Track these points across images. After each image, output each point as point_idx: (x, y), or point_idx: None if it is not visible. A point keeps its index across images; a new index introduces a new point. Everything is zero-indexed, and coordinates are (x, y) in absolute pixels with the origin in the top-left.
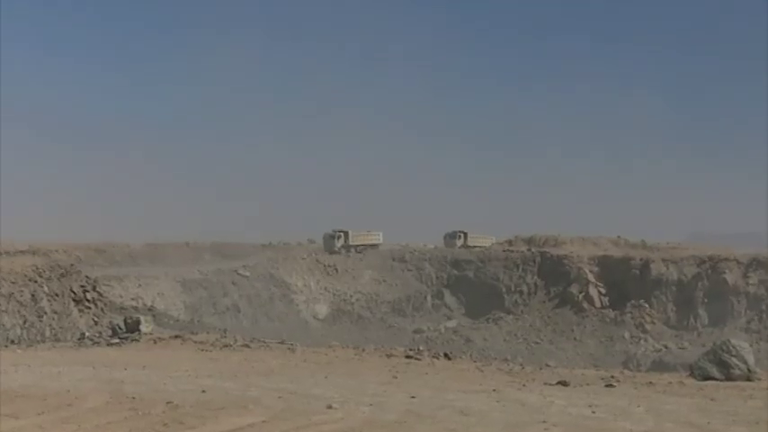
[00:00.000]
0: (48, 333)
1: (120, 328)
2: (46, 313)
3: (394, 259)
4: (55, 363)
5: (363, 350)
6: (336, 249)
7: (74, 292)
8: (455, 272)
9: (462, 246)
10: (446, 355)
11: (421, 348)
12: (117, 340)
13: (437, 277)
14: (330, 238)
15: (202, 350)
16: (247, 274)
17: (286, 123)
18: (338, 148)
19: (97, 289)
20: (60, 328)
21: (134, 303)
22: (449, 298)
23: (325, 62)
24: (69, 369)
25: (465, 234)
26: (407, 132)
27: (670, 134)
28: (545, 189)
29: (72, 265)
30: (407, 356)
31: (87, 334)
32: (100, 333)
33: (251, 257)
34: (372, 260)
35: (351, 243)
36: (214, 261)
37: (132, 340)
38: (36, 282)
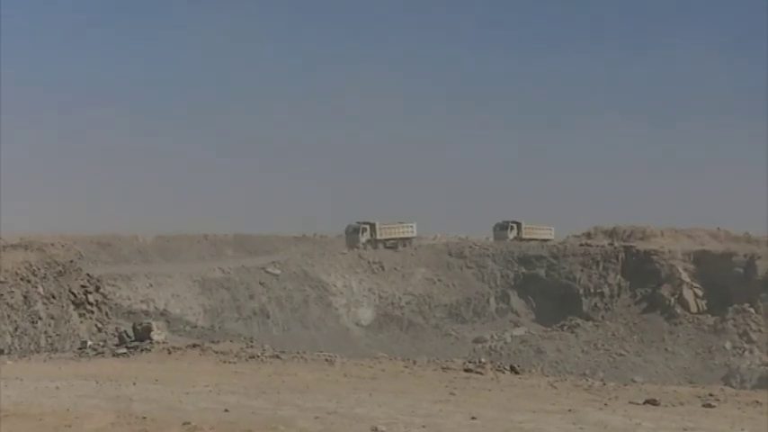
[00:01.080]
0: (43, 342)
1: (127, 336)
2: (41, 318)
3: (451, 255)
4: (52, 376)
5: (415, 362)
6: (361, 245)
7: (73, 294)
8: (523, 270)
9: (516, 238)
10: (513, 368)
11: (483, 360)
12: (124, 350)
13: (502, 276)
14: (353, 232)
15: (225, 362)
16: (277, 272)
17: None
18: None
19: (101, 290)
20: (58, 335)
21: (144, 307)
22: (516, 301)
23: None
24: (69, 384)
25: (518, 225)
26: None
27: None
28: (626, 172)
29: (71, 261)
30: (467, 370)
31: (89, 343)
32: (104, 341)
33: (281, 252)
34: (425, 256)
35: (378, 237)
36: (238, 257)
37: (142, 350)
38: (29, 281)
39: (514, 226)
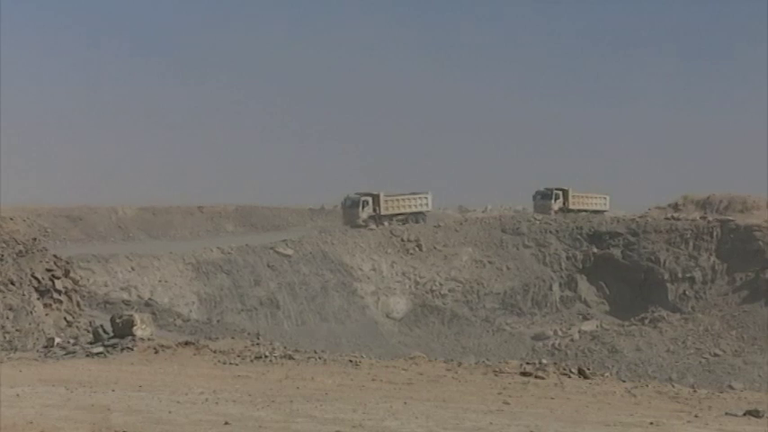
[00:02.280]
0: (0, 338)
1: (104, 332)
2: None
3: (505, 231)
4: (11, 381)
5: (460, 364)
6: (361, 222)
7: (37, 279)
8: (594, 249)
9: (561, 209)
10: (581, 371)
11: (544, 362)
12: (100, 349)
13: (568, 257)
14: (352, 206)
15: (225, 363)
16: (289, 252)
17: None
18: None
19: (71, 274)
20: (18, 331)
21: (125, 295)
22: (585, 288)
23: None
24: (32, 390)
25: (564, 192)
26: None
27: None
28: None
29: (35, 239)
30: (524, 373)
31: (58, 340)
32: (76, 338)
33: (294, 228)
34: (473, 233)
35: (383, 212)
36: (240, 233)
37: (123, 349)
38: None
39: (560, 194)
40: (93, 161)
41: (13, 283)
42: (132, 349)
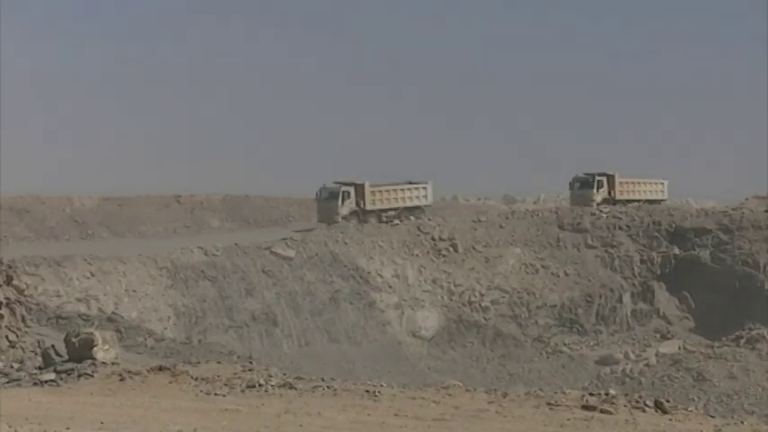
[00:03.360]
0: None
1: (57, 354)
2: None
3: (563, 227)
4: None
5: (505, 395)
6: (340, 219)
7: None
8: (676, 250)
9: (606, 200)
10: (659, 404)
11: (612, 392)
12: (52, 376)
13: (643, 260)
14: (329, 198)
15: (209, 394)
16: (290, 254)
17: None
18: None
19: (14, 282)
20: None
21: (83, 308)
22: (664, 299)
23: None
24: None
25: (610, 178)
26: None
27: None
28: None
29: None
30: (587, 407)
31: None
32: (21, 362)
33: (295, 223)
34: (522, 229)
35: (369, 206)
36: (228, 230)
37: (80, 375)
38: None
39: (603, 181)
40: (41, 139)
41: None
42: (92, 376)
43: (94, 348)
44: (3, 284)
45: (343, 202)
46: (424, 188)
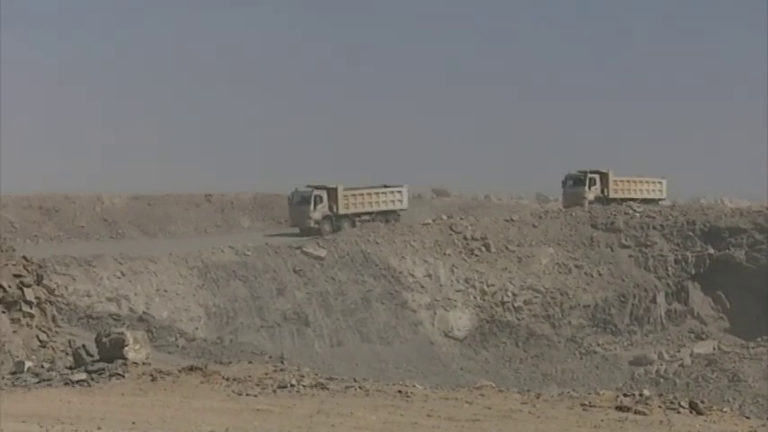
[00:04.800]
0: None
1: (88, 354)
2: None
3: (596, 226)
4: None
5: (538, 396)
6: (312, 223)
7: (2, 288)
8: (711, 250)
9: (599, 199)
10: (694, 405)
11: (646, 393)
12: (83, 376)
13: (677, 261)
14: (301, 203)
15: (240, 394)
16: (322, 253)
17: None
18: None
19: (45, 282)
20: None
21: (113, 308)
22: (699, 299)
23: None
24: None
25: (603, 176)
26: None
27: None
28: None
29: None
30: (621, 408)
31: (29, 364)
32: (52, 362)
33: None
34: (555, 228)
35: (342, 210)
36: (259, 229)
37: (111, 376)
38: None
39: (596, 179)
40: (71, 139)
41: None
42: (123, 376)
43: (125, 348)
44: (33, 284)
45: (315, 206)
46: (399, 192)
